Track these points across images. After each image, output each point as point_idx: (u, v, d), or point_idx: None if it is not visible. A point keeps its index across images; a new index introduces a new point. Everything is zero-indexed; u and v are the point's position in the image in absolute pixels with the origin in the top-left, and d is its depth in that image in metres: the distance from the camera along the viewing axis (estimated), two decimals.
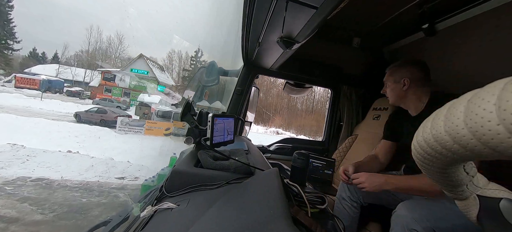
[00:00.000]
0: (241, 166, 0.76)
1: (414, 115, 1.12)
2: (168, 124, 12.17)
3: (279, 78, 2.24)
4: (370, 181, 0.99)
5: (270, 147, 2.13)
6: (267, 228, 0.34)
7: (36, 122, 9.37)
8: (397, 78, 1.13)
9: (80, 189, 4.47)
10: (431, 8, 1.13)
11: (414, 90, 1.10)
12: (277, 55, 1.43)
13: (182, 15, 36.37)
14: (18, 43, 27.13)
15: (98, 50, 30.66)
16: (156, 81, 23.49)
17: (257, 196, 0.49)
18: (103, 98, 20.96)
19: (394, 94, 1.16)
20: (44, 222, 3.31)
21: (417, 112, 1.11)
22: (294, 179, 0.94)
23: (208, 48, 6.69)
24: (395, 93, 1.15)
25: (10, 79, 23.76)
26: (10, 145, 6.20)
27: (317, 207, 0.77)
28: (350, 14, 1.38)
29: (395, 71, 1.15)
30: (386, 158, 1.27)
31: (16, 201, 3.75)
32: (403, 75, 1.11)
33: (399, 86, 1.12)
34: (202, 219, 0.45)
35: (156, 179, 1.33)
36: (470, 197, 0.40)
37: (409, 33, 1.35)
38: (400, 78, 1.12)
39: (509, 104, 0.22)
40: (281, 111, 28.56)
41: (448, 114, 0.29)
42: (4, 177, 4.52)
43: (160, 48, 41.70)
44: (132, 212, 0.67)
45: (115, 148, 7.69)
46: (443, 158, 0.32)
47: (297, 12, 0.82)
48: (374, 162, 1.26)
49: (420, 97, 1.09)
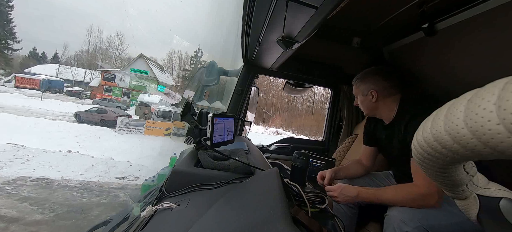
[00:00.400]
0: (241, 166, 0.76)
1: (386, 123, 1.10)
2: (168, 124, 12.17)
3: (279, 78, 2.24)
4: (342, 195, 0.99)
5: (270, 147, 2.13)
6: (267, 228, 0.34)
7: (36, 122, 9.38)
8: (364, 91, 1.11)
9: (80, 189, 4.48)
10: (431, 8, 1.12)
11: (383, 100, 1.07)
12: (277, 55, 1.43)
13: (182, 15, 36.32)
14: (18, 43, 27.18)
15: (98, 50, 30.69)
16: (156, 81, 23.48)
17: (257, 196, 0.49)
18: (103, 98, 20.95)
19: (364, 107, 1.15)
20: (44, 222, 3.31)
21: (389, 121, 1.08)
22: (294, 179, 0.94)
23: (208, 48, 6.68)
24: (365, 106, 1.14)
25: (10, 79, 23.77)
26: (10, 145, 6.20)
27: (317, 207, 0.77)
28: (350, 14, 1.38)
29: (361, 84, 1.13)
30: (369, 162, 1.27)
31: (16, 201, 3.75)
32: (369, 87, 1.09)
33: (368, 99, 1.10)
34: (202, 219, 0.45)
35: (156, 179, 1.33)
36: (470, 197, 0.40)
37: (409, 33, 1.34)
38: (366, 90, 1.10)
39: (509, 104, 0.22)
40: (281, 111, 28.56)
41: (448, 113, 0.29)
42: (4, 177, 4.52)
43: (160, 48, 41.61)
44: (132, 212, 0.67)
45: (115, 148, 7.69)
46: (443, 158, 0.32)
47: (297, 12, 0.82)
48: (356, 166, 1.26)
49: (390, 105, 1.06)
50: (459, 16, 1.03)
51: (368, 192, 0.97)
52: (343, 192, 0.99)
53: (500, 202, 0.36)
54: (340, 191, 1.00)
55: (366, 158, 1.27)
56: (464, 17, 1.01)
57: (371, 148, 1.26)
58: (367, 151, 1.27)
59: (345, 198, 0.99)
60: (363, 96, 1.13)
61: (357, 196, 0.97)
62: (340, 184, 1.03)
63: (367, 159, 1.27)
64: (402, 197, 0.89)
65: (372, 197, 0.95)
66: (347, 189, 1.00)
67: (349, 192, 0.98)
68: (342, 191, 1.00)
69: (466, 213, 0.42)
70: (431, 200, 0.85)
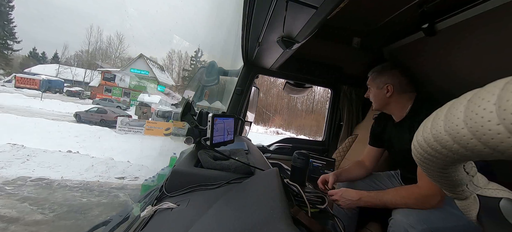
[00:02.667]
0: (241, 166, 0.76)
1: (397, 121, 1.09)
2: (168, 124, 12.17)
3: (279, 78, 2.24)
4: (343, 200, 0.99)
5: (270, 147, 2.13)
6: (267, 228, 0.34)
7: (36, 122, 9.37)
8: (380, 84, 1.09)
9: (80, 189, 4.47)
10: (431, 8, 1.12)
11: (397, 96, 1.06)
12: (277, 55, 1.43)
13: (182, 15, 36.32)
14: (18, 43, 27.18)
15: (98, 50, 30.68)
16: (156, 81, 23.48)
17: (257, 196, 0.49)
18: (103, 98, 20.95)
19: (377, 100, 1.12)
20: (44, 222, 3.31)
21: (399, 119, 1.07)
22: (294, 179, 0.94)
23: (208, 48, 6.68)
24: (378, 99, 1.11)
25: (10, 79, 23.75)
26: (10, 145, 6.19)
27: (317, 207, 0.77)
28: (350, 14, 1.38)
29: (377, 77, 1.11)
30: (372, 164, 1.25)
31: (16, 201, 3.75)
32: (385, 81, 1.07)
33: (382, 93, 1.08)
34: (202, 219, 0.45)
35: (156, 179, 1.33)
36: (470, 197, 0.40)
37: (409, 33, 1.34)
38: (382, 84, 1.08)
39: (509, 104, 0.22)
40: (281, 111, 28.56)
41: (448, 113, 0.29)
42: (4, 177, 4.52)
43: (160, 48, 41.56)
44: (132, 212, 0.67)
45: (115, 148, 7.69)
46: (443, 158, 0.32)
47: (297, 12, 0.82)
48: (358, 169, 1.24)
49: (404, 103, 1.05)
50: (459, 16, 1.03)
51: (370, 195, 0.96)
52: (345, 196, 0.99)
53: (500, 202, 0.36)
54: (342, 194, 1.00)
55: (369, 159, 1.25)
56: (464, 17, 1.01)
57: (376, 149, 1.24)
58: (371, 152, 1.25)
59: (346, 203, 0.98)
60: (377, 89, 1.11)
61: (359, 199, 0.96)
62: (342, 188, 1.03)
63: (371, 161, 1.25)
64: (403, 198, 0.89)
65: (374, 200, 0.95)
66: (348, 193, 0.99)
67: (350, 196, 0.98)
68: (343, 195, 0.99)
69: (466, 213, 0.42)
70: (432, 200, 0.84)
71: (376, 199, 0.95)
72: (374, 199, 0.95)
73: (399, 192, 0.92)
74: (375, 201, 0.95)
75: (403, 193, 0.91)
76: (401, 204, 0.89)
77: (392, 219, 0.90)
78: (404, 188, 0.95)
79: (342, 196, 0.99)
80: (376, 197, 0.95)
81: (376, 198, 0.95)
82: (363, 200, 0.96)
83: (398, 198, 0.90)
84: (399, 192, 0.92)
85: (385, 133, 1.18)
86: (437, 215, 0.85)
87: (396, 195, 0.91)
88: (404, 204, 0.89)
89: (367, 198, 0.96)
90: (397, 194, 0.92)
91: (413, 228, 0.81)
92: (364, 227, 1.22)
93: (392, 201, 0.91)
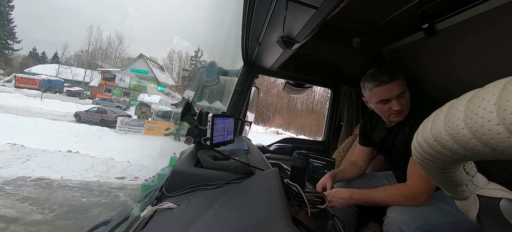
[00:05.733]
0: (241, 166, 0.76)
1: (389, 125, 1.06)
2: (168, 124, 12.17)
3: (279, 78, 2.24)
4: (335, 199, 0.99)
5: (270, 147, 2.13)
6: (267, 228, 0.34)
7: (36, 122, 9.37)
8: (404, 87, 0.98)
9: (80, 189, 4.48)
10: (431, 8, 1.12)
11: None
12: (277, 55, 1.43)
13: (182, 15, 36.37)
14: (18, 43, 27.13)
15: (98, 50, 30.62)
16: (156, 81, 23.48)
17: (257, 196, 0.49)
18: (103, 98, 20.94)
19: (408, 105, 0.98)
20: (44, 222, 3.31)
21: (391, 124, 1.05)
22: (294, 179, 0.93)
23: (208, 48, 6.70)
24: (409, 104, 0.98)
25: (10, 79, 23.75)
26: (10, 145, 6.19)
27: (317, 207, 0.77)
28: (350, 14, 1.38)
29: (403, 79, 0.97)
30: (365, 163, 1.25)
31: (16, 201, 3.75)
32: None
33: (408, 95, 0.98)
34: (202, 219, 0.45)
35: (156, 179, 1.33)
36: (470, 197, 0.40)
37: (409, 33, 1.34)
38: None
39: (509, 104, 0.22)
40: (281, 111, 28.56)
41: (448, 114, 0.29)
42: (4, 177, 4.52)
43: (160, 48, 41.59)
44: (132, 212, 0.67)
45: (115, 148, 7.69)
46: (443, 158, 0.32)
47: (297, 12, 0.82)
48: (352, 168, 1.24)
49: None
50: (459, 16, 1.03)
51: (360, 193, 0.98)
52: (336, 195, 0.99)
53: (500, 202, 0.36)
54: (333, 194, 1.00)
55: (361, 159, 1.26)
56: (464, 17, 1.01)
57: (367, 148, 1.25)
58: (363, 152, 1.26)
59: (338, 202, 0.99)
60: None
61: (350, 197, 0.97)
62: (332, 189, 1.04)
63: (363, 160, 1.25)
64: (392, 195, 0.92)
65: (365, 197, 0.97)
66: (339, 192, 1.00)
67: (341, 195, 0.99)
68: (335, 194, 1.00)
69: (466, 213, 0.42)
70: (421, 198, 0.88)
71: (366, 197, 0.97)
72: (365, 197, 0.97)
73: (388, 190, 0.95)
74: (365, 198, 0.97)
75: (392, 190, 0.94)
76: (390, 201, 0.92)
77: (386, 218, 0.91)
78: (394, 186, 0.98)
79: (334, 195, 1.00)
80: (366, 194, 0.97)
81: (366, 195, 0.97)
82: (354, 198, 0.97)
83: (387, 196, 0.93)
84: (388, 190, 0.95)
85: (373, 134, 1.18)
86: (431, 212, 0.87)
87: (385, 193, 0.94)
88: (392, 201, 0.92)
89: (358, 196, 0.97)
90: (386, 191, 0.94)
91: (407, 225, 0.83)
92: (364, 227, 1.22)
93: (382, 198, 0.94)
